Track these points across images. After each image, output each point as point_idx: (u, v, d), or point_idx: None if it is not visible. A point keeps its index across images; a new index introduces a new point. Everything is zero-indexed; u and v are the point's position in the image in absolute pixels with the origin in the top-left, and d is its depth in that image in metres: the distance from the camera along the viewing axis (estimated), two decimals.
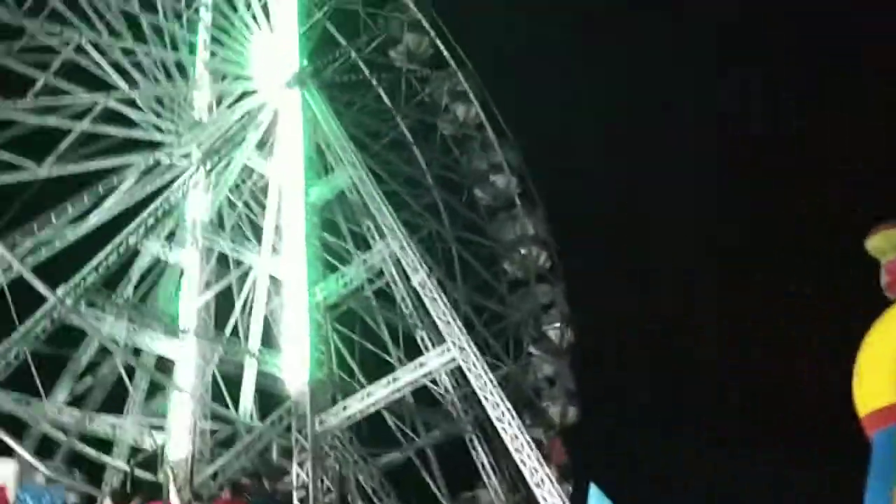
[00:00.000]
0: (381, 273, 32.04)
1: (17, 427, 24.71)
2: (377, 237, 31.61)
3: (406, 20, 40.62)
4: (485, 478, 32.21)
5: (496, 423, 26.67)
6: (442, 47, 41.12)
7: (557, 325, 37.07)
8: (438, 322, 28.64)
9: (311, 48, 34.44)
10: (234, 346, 29.34)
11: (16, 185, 26.03)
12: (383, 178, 34.70)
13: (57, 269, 25.57)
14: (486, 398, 26.90)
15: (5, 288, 23.08)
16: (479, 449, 32.55)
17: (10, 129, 26.25)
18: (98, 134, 28.24)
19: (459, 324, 28.51)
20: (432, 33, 40.83)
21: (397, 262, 30.75)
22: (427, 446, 32.51)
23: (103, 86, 28.50)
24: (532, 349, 36.17)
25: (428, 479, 32.01)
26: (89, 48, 28.14)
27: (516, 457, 25.98)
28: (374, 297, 33.09)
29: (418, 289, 29.58)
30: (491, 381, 27.09)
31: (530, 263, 38.90)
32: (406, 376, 28.61)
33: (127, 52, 29.55)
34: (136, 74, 29.23)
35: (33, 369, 22.99)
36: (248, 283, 29.90)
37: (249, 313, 29.67)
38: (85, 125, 27.54)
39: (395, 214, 31.08)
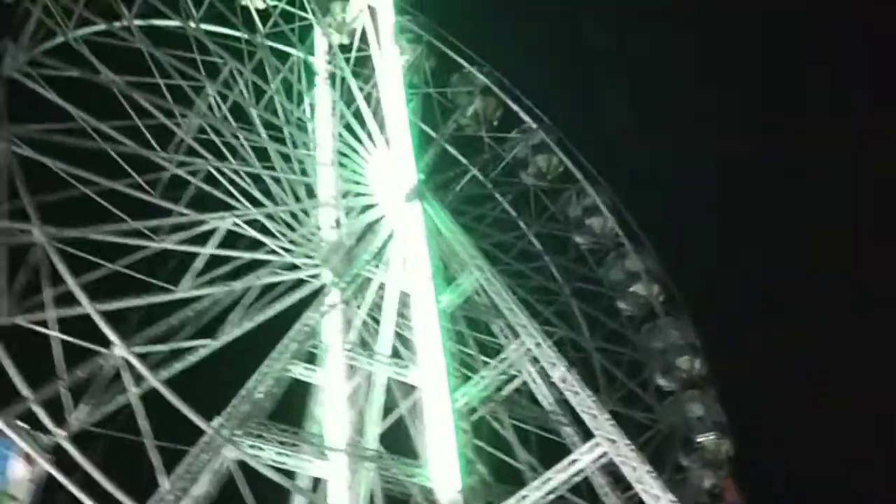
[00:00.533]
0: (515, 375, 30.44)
1: None
2: (510, 336, 30.25)
3: (532, 142, 41.30)
4: None
5: None
6: (571, 165, 41.28)
7: (712, 435, 33.83)
8: (584, 416, 26.54)
9: (430, 164, 35.13)
10: (384, 461, 28.14)
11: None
12: (512, 288, 33.77)
13: (189, 380, 25.66)
14: (644, 491, 23.95)
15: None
16: None
17: (143, 252, 27.42)
18: (230, 256, 29.08)
19: (607, 415, 26.17)
20: (560, 154, 41.18)
21: (534, 360, 29.18)
22: None
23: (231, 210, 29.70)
24: (686, 461, 32.95)
25: None
26: (219, 176, 29.69)
27: None
28: (513, 398, 31.34)
29: (559, 384, 27.77)
30: (648, 472, 24.26)
31: (682, 371, 36.23)
32: (559, 476, 26.32)
33: (255, 179, 31.00)
34: (263, 198, 30.45)
35: None
36: (377, 393, 28.96)
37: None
38: (211, 249, 28.38)
39: (526, 312, 29.92)
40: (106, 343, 23.27)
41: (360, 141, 33.25)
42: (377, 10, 37.54)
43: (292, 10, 37.77)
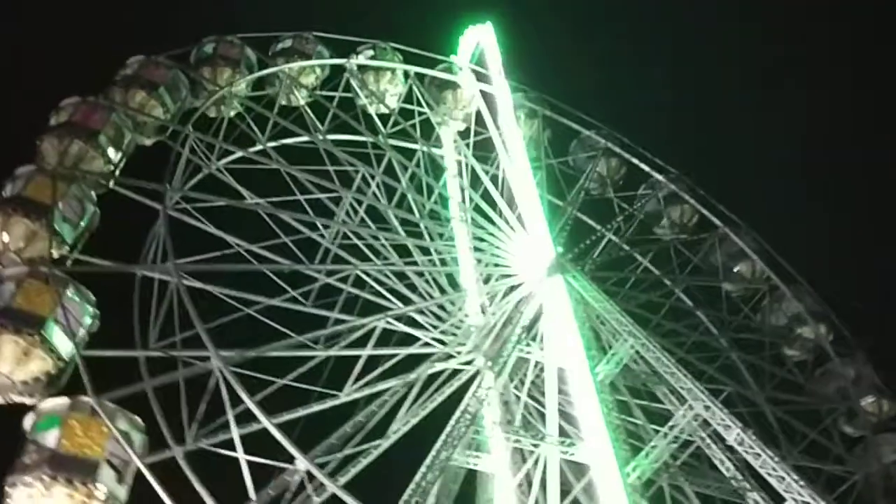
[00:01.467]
0: (687, 442, 29.21)
1: None
2: (675, 402, 29.19)
3: (662, 194, 40.70)
4: None
5: None
6: (707, 213, 40.37)
7: None
8: (770, 479, 25.07)
9: (566, 235, 35.03)
10: None
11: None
12: (668, 348, 32.79)
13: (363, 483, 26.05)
14: None
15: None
16: None
17: (309, 363, 28.43)
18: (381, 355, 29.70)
19: (795, 476, 24.68)
20: (694, 202, 40.42)
21: (705, 424, 27.99)
22: None
23: (381, 310, 30.48)
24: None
25: None
26: (366, 278, 30.67)
27: None
28: (691, 465, 30.00)
29: (736, 447, 26.46)
30: None
31: (870, 415, 33.95)
32: None
33: (401, 278, 31.81)
34: (409, 293, 31.14)
35: None
36: (542, 472, 28.44)
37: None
38: (371, 350, 29.10)
39: (689, 375, 28.89)
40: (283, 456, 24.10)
41: (493, 223, 33.70)
42: (490, 93, 38.55)
43: (410, 106, 39.32)
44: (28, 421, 23.91)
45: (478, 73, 38.68)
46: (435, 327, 30.87)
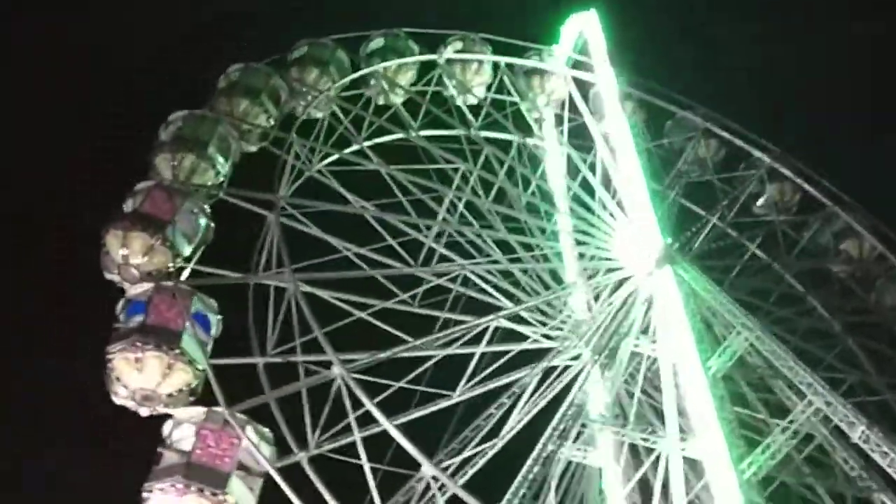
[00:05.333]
0: (808, 436, 28.43)
1: None
2: (794, 397, 28.45)
3: (764, 173, 39.39)
4: None
5: None
6: (813, 190, 38.91)
7: None
8: None
9: (673, 224, 34.28)
10: None
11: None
12: (782, 336, 31.86)
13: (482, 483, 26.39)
14: None
15: None
16: None
17: (424, 364, 28.80)
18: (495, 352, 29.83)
19: None
20: (799, 180, 38.99)
21: (825, 420, 27.21)
22: None
23: (490, 309, 30.57)
24: None
25: None
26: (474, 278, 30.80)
27: None
28: (806, 464, 29.20)
29: (860, 444, 25.63)
30: None
31: None
32: None
33: (506, 275, 31.80)
34: (514, 289, 31.14)
35: None
36: (661, 470, 28.13)
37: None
38: (484, 348, 29.29)
39: (808, 369, 28.05)
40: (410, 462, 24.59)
41: (595, 214, 33.25)
42: (581, 79, 37.84)
43: (500, 96, 38.94)
44: (166, 429, 25.06)
45: (580, 61, 37.91)
46: (543, 324, 30.80)
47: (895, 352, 34.86)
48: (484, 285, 31.41)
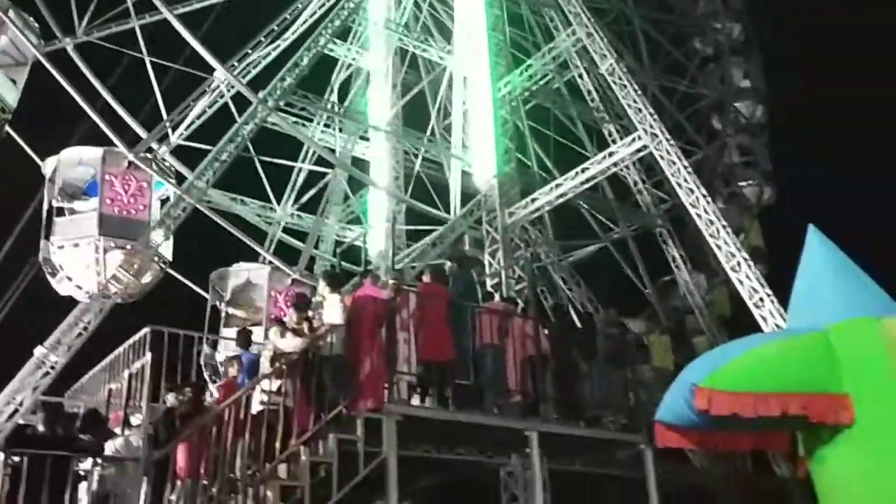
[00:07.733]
0: (566, 64, 30.91)
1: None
2: (561, 27, 30.29)
3: None
4: (675, 270, 31.86)
5: (690, 210, 25.63)
6: None
7: (750, 102, 34.76)
8: (628, 109, 27.31)
9: None
10: (426, 144, 29.83)
11: None
12: None
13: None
14: (679, 184, 25.83)
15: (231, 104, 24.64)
16: (670, 242, 32.17)
17: None
18: None
19: (650, 109, 27.14)
20: None
21: (583, 51, 29.52)
22: (620, 238, 32.47)
23: None
24: (724, 128, 34.48)
25: (626, 268, 32.17)
26: None
27: (712, 242, 25.05)
28: (562, 90, 32.14)
29: (606, 76, 28.33)
30: (684, 167, 25.90)
31: (723, 38, 36.03)
32: (595, 167, 27.93)
33: None
34: None
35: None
36: (440, 82, 29.82)
37: (438, 112, 29.91)
38: None
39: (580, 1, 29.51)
40: None
41: None
42: None
43: None
44: None
45: None
46: None
47: None
48: None
